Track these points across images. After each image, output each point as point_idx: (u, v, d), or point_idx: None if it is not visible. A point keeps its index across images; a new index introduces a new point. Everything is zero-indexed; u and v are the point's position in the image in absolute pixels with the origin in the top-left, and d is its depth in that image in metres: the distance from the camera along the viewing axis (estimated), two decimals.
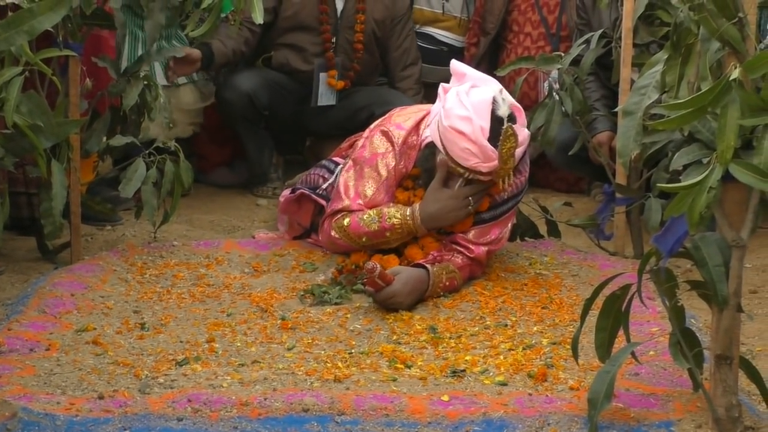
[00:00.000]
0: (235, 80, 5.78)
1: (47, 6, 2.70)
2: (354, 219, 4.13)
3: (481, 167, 3.89)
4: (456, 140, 3.88)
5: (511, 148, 3.89)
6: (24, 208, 4.54)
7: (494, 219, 4.17)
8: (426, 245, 4.10)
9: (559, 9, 6.05)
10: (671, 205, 2.65)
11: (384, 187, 4.17)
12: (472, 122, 3.85)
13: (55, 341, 3.47)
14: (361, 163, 4.20)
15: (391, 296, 3.79)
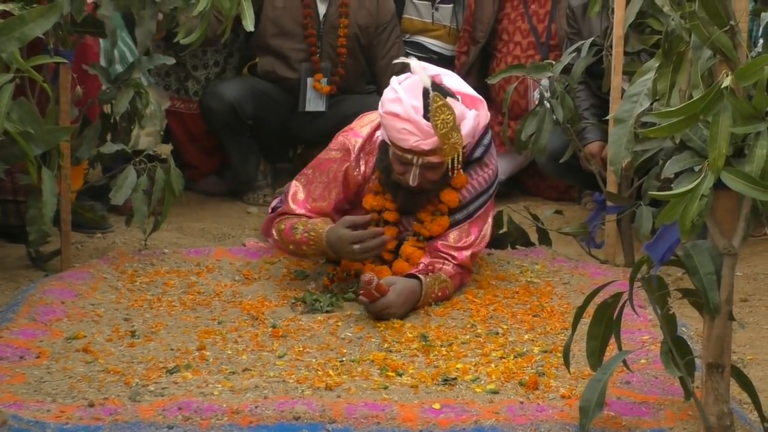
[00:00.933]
0: (219, 89, 5.78)
1: (38, 13, 2.70)
2: (289, 225, 4.14)
3: (422, 144, 3.88)
4: (392, 123, 3.90)
5: (446, 120, 3.86)
6: (12, 216, 4.53)
7: (469, 217, 4.17)
8: (411, 257, 4.10)
9: (549, 18, 6.05)
10: (663, 213, 2.65)
11: (331, 194, 4.18)
12: (402, 102, 3.88)
13: (45, 349, 3.46)
14: (313, 168, 4.25)
15: (385, 307, 3.79)
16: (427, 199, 4.11)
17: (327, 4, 5.85)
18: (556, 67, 4.63)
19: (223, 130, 5.81)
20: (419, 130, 3.86)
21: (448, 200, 4.11)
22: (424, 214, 4.13)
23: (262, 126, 5.85)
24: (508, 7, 6.15)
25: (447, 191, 4.12)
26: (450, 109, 3.86)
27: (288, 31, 5.81)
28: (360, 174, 4.19)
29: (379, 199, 4.15)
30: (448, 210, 4.13)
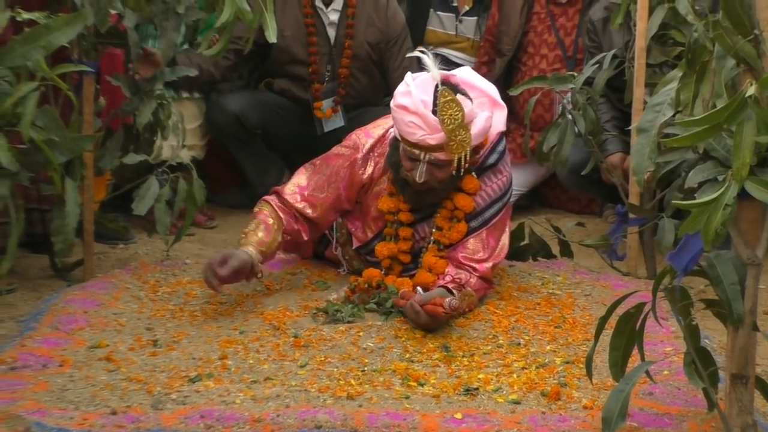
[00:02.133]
0: (222, 101, 5.81)
1: (63, 22, 2.71)
2: (256, 215, 4.25)
3: (428, 139, 3.89)
4: (401, 116, 3.92)
5: (453, 116, 3.86)
6: (37, 225, 4.54)
7: (485, 224, 4.17)
8: (434, 267, 4.10)
9: (576, 31, 6.05)
10: (686, 223, 2.65)
11: (330, 188, 4.25)
12: (412, 95, 3.89)
13: (68, 357, 3.48)
14: (321, 160, 4.31)
15: (432, 322, 3.77)
16: (436, 198, 4.12)
17: (336, 28, 5.87)
18: (578, 79, 4.63)
19: (231, 141, 5.83)
20: (426, 124, 3.87)
21: (462, 205, 4.12)
22: (442, 220, 4.14)
23: (274, 137, 5.87)
24: (534, 20, 6.15)
25: (461, 196, 4.12)
26: (459, 105, 3.86)
27: (298, 58, 5.85)
28: (365, 174, 4.22)
29: (394, 201, 4.18)
30: (464, 216, 4.14)
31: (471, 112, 3.91)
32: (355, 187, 4.25)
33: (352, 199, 4.29)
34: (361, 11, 5.88)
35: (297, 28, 5.81)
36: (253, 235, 4.13)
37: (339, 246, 4.43)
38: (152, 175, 4.41)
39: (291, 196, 4.26)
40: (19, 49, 2.66)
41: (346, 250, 4.42)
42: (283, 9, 5.76)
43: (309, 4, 5.82)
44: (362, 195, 4.28)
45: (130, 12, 3.97)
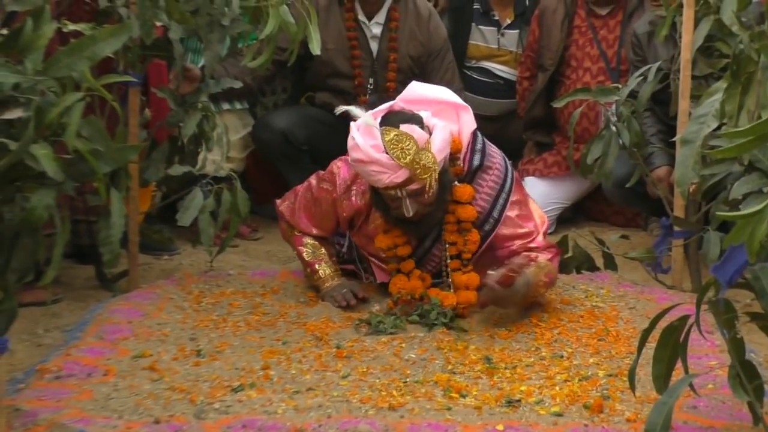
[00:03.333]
0: (269, 119, 5.83)
1: (108, 32, 2.73)
2: (297, 237, 4.40)
3: (395, 179, 3.88)
4: (361, 168, 3.95)
5: (406, 149, 3.85)
6: (84, 236, 4.58)
7: (498, 223, 4.17)
8: (469, 283, 4.12)
9: (618, 43, 6.02)
10: (731, 234, 2.62)
11: (331, 221, 4.36)
12: (360, 146, 3.90)
13: (112, 367, 3.50)
14: (312, 195, 4.38)
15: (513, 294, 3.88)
16: (436, 219, 4.13)
17: (378, 41, 5.89)
18: (622, 91, 4.61)
19: (279, 159, 5.85)
20: (385, 167, 3.88)
21: (466, 216, 4.12)
22: (450, 235, 4.14)
23: (320, 152, 5.88)
24: (576, 34, 6.13)
25: (461, 207, 4.12)
26: (406, 136, 3.86)
27: (341, 71, 5.87)
28: (346, 212, 4.27)
29: (391, 237, 4.18)
30: (472, 224, 4.14)
31: (421, 135, 3.90)
32: (344, 221, 4.32)
33: (345, 228, 4.38)
34: (403, 25, 5.90)
35: (340, 41, 5.83)
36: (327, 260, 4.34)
37: (370, 276, 4.43)
38: (197, 186, 4.43)
39: (306, 227, 4.39)
40: (65, 60, 2.69)
41: None
42: (326, 22, 5.78)
43: (352, 18, 5.84)
44: (358, 230, 4.32)
45: (175, 24, 4.00)
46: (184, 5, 3.95)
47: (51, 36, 2.74)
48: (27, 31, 2.70)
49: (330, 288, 4.24)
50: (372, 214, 4.23)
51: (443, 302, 4.03)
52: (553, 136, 6.25)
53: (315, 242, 4.36)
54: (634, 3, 6.03)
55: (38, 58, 2.71)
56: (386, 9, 5.89)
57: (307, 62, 5.76)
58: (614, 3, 6.07)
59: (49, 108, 2.66)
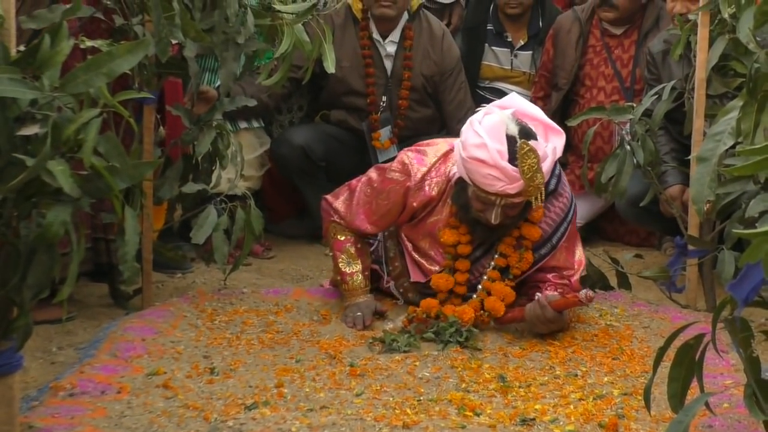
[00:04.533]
0: (288, 135, 5.85)
1: (126, 49, 2.74)
2: (338, 242, 4.40)
3: (509, 189, 3.92)
4: (477, 168, 3.92)
5: (533, 164, 3.89)
6: (103, 254, 4.57)
7: (553, 249, 4.22)
8: (506, 297, 4.14)
9: (633, 62, 6.03)
10: (747, 252, 2.61)
11: (392, 213, 4.32)
12: (488, 148, 3.89)
13: (126, 384, 3.50)
14: (377, 185, 4.33)
15: (554, 321, 3.98)
16: (505, 232, 4.14)
17: (393, 60, 5.91)
18: (636, 110, 4.61)
19: (298, 174, 5.86)
20: (506, 176, 3.89)
21: (530, 235, 4.16)
22: (506, 247, 4.16)
23: (335, 169, 5.89)
24: (590, 53, 6.13)
25: (527, 226, 4.15)
26: (535, 153, 3.89)
27: (355, 89, 5.89)
28: (417, 202, 4.24)
29: (456, 234, 4.19)
30: (531, 245, 4.16)
31: (544, 154, 3.94)
32: (407, 213, 4.30)
33: (404, 221, 4.34)
34: (417, 43, 5.92)
35: (355, 59, 5.85)
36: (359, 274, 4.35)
37: (392, 280, 4.44)
38: (211, 204, 4.43)
39: (361, 223, 4.34)
40: (82, 76, 2.69)
41: (401, 283, 4.42)
42: (341, 40, 5.80)
43: (366, 36, 5.86)
44: (417, 223, 4.29)
45: (190, 42, 4.01)
46: (200, 23, 3.96)
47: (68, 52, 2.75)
48: (44, 48, 2.71)
49: (351, 304, 4.26)
50: (438, 206, 4.24)
51: (462, 318, 4.03)
52: (567, 155, 6.23)
53: (354, 252, 4.36)
54: (649, 23, 6.03)
55: (55, 74, 2.71)
56: (401, 28, 5.91)
57: (322, 80, 5.78)
58: (629, 23, 6.08)
59: (66, 124, 2.66)
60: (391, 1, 5.74)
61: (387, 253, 4.45)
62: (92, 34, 3.89)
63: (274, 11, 4.28)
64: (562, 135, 4.12)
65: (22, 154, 2.67)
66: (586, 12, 6.15)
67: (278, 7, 4.28)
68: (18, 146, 2.68)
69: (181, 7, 3.82)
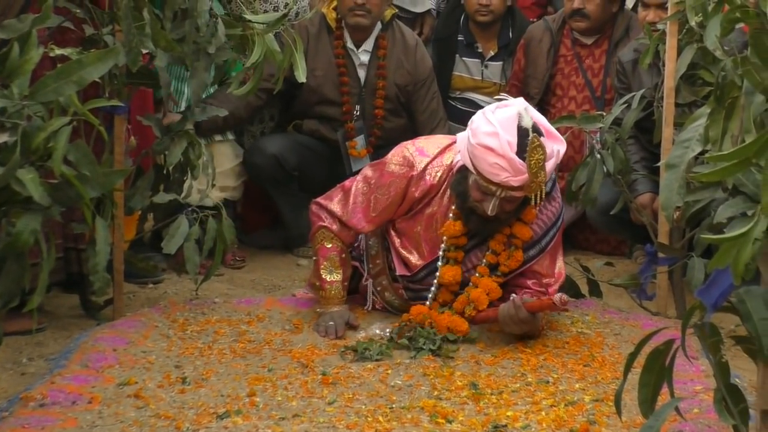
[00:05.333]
0: (262, 144, 5.83)
1: (96, 57, 2.74)
2: (325, 248, 4.35)
3: (512, 181, 3.93)
4: (485, 156, 3.93)
5: (539, 160, 3.91)
6: (74, 264, 4.56)
7: (542, 252, 4.25)
8: (491, 291, 4.18)
9: (604, 72, 6.06)
10: (715, 258, 2.63)
11: (391, 208, 4.30)
12: (499, 137, 3.90)
13: (97, 394, 3.49)
14: (375, 180, 4.31)
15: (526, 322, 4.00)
16: (498, 227, 4.17)
17: (366, 69, 5.92)
18: (606, 118, 4.64)
19: (271, 183, 5.85)
20: (512, 167, 3.90)
21: (521, 235, 4.19)
22: (497, 244, 4.19)
23: (308, 178, 5.88)
24: (561, 62, 6.16)
25: (519, 225, 4.18)
26: (543, 149, 3.92)
27: (328, 98, 5.89)
28: (418, 191, 4.24)
29: (458, 226, 4.20)
30: (521, 245, 4.20)
31: (551, 152, 3.97)
32: (407, 204, 4.29)
33: (401, 214, 4.33)
34: (391, 53, 5.93)
35: (329, 68, 5.85)
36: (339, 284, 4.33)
37: (370, 277, 4.45)
38: (182, 214, 4.42)
39: (358, 222, 4.33)
40: (52, 84, 2.69)
41: (379, 281, 4.43)
42: (315, 49, 5.81)
43: (341, 45, 5.86)
44: (414, 215, 4.30)
45: (161, 52, 4.00)
46: (171, 33, 3.95)
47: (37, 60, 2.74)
48: (13, 56, 2.70)
49: (325, 312, 4.25)
50: (436, 198, 4.25)
51: (457, 330, 4.07)
52: None
53: (338, 261, 4.34)
54: (620, 32, 6.06)
55: (25, 82, 2.71)
56: (374, 37, 5.92)
57: (295, 90, 5.78)
58: (600, 32, 6.11)
59: (36, 132, 2.66)
60: (365, 11, 5.75)
61: (369, 251, 4.46)
62: (62, 44, 3.87)
63: (244, 21, 4.28)
64: (564, 143, 4.12)
65: None
66: (557, 22, 6.18)
67: (249, 17, 4.28)
68: None
69: (151, 17, 3.81)
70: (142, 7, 3.78)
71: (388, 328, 4.16)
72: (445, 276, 4.21)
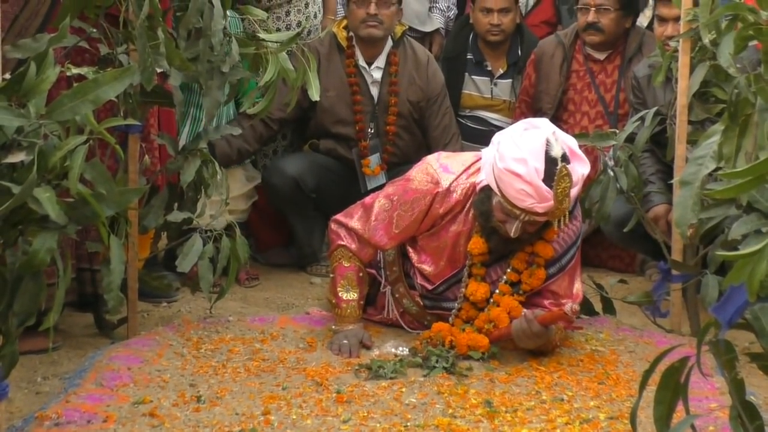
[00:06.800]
0: (281, 165, 5.84)
1: (112, 76, 2.76)
2: (343, 267, 4.37)
3: (537, 208, 3.93)
4: (512, 182, 3.93)
5: (566, 188, 3.93)
6: (87, 284, 4.57)
7: (562, 270, 4.26)
8: (512, 311, 4.17)
9: (616, 87, 6.07)
10: (731, 274, 2.62)
11: (414, 225, 4.29)
12: (527, 163, 3.90)
13: (112, 413, 3.49)
14: (398, 196, 4.32)
15: (540, 335, 3.99)
16: (519, 246, 4.18)
17: (379, 86, 5.93)
18: (619, 136, 4.64)
19: (288, 205, 5.86)
20: (538, 194, 3.91)
21: (543, 253, 4.20)
22: (518, 263, 4.20)
23: (325, 200, 5.89)
24: (574, 78, 6.17)
25: (541, 244, 4.18)
26: (570, 177, 3.93)
27: (343, 118, 5.90)
28: (442, 208, 4.25)
29: (483, 243, 4.21)
30: (543, 263, 4.21)
31: (577, 180, 3.98)
32: (430, 220, 4.29)
33: (423, 230, 4.33)
34: (403, 69, 5.94)
35: (341, 87, 5.86)
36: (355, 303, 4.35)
37: (388, 284, 4.46)
38: (196, 232, 4.43)
39: (380, 239, 4.34)
40: (69, 103, 2.71)
41: (396, 288, 4.44)
42: (327, 69, 5.82)
43: (353, 64, 5.88)
44: (437, 230, 4.31)
45: (175, 71, 4.02)
46: (185, 52, 3.96)
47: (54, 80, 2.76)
48: (30, 75, 2.72)
49: (340, 330, 4.26)
50: (460, 216, 4.26)
51: (478, 346, 4.07)
52: None
53: (355, 281, 4.36)
54: (633, 48, 6.07)
55: (41, 101, 2.73)
56: (386, 54, 5.93)
57: (309, 113, 5.81)
58: (612, 48, 6.12)
59: (52, 151, 2.67)
60: (378, 21, 5.77)
61: (385, 258, 4.47)
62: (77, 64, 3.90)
63: (258, 40, 4.30)
64: (588, 165, 4.11)
65: (8, 181, 2.68)
66: (569, 37, 6.19)
67: (263, 36, 4.30)
68: (4, 174, 2.69)
69: (166, 36, 3.83)
70: (157, 27, 3.80)
71: (401, 346, 4.17)
72: (477, 293, 4.21)
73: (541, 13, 6.97)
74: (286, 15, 5.92)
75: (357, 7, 5.80)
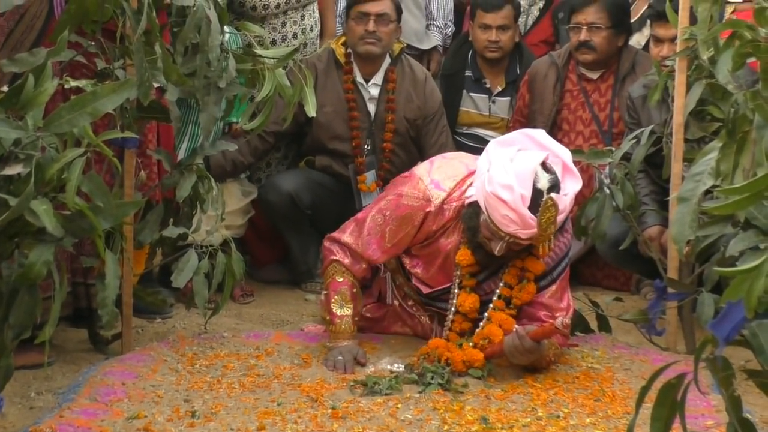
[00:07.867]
0: (277, 181, 5.84)
1: (110, 89, 2.76)
2: (336, 282, 4.36)
3: (520, 234, 3.96)
4: (497, 206, 3.95)
5: (551, 218, 3.96)
6: (82, 299, 4.56)
7: (553, 282, 4.27)
8: (504, 324, 4.17)
9: (610, 106, 6.08)
10: (728, 291, 2.62)
11: (406, 240, 4.32)
12: (513, 191, 3.92)
13: (106, 428, 3.48)
14: (390, 211, 4.34)
15: (534, 351, 3.98)
16: (507, 261, 4.20)
17: (376, 103, 5.93)
18: (615, 154, 4.65)
19: (283, 221, 5.85)
20: (522, 222, 3.94)
21: (533, 268, 4.21)
22: (510, 277, 4.21)
23: (321, 216, 5.88)
24: (567, 98, 6.19)
25: (531, 260, 4.20)
26: (556, 208, 3.96)
27: (339, 134, 5.90)
28: (436, 225, 4.26)
29: (471, 255, 4.22)
30: (533, 277, 4.22)
31: (564, 207, 4.01)
32: (422, 235, 4.31)
33: (416, 243, 4.35)
34: (400, 87, 5.94)
35: (338, 103, 5.86)
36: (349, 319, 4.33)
37: (388, 272, 4.47)
38: (191, 247, 4.42)
39: (373, 253, 4.35)
40: (66, 116, 2.71)
41: (396, 277, 4.45)
42: (324, 85, 5.82)
43: (350, 80, 5.88)
44: (430, 242, 4.33)
45: (172, 86, 4.01)
46: (182, 67, 3.96)
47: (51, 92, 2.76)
48: (28, 88, 2.72)
49: (334, 346, 4.25)
50: (451, 228, 4.27)
51: (473, 361, 4.07)
52: None
53: (349, 296, 4.35)
54: (626, 68, 6.09)
55: (39, 114, 2.73)
56: (383, 71, 5.93)
57: (306, 127, 5.81)
58: (605, 67, 6.13)
59: (50, 164, 2.67)
60: (376, 38, 5.77)
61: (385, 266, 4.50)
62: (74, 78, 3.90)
63: (255, 56, 4.30)
64: (579, 181, 4.14)
65: (5, 193, 2.67)
66: (563, 57, 6.20)
67: (259, 52, 4.30)
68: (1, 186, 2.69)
69: (163, 51, 3.83)
70: (154, 42, 3.80)
71: (397, 363, 4.16)
72: (465, 304, 4.22)
73: (540, 32, 6.99)
74: (282, 26, 5.93)
75: (356, 23, 5.81)
